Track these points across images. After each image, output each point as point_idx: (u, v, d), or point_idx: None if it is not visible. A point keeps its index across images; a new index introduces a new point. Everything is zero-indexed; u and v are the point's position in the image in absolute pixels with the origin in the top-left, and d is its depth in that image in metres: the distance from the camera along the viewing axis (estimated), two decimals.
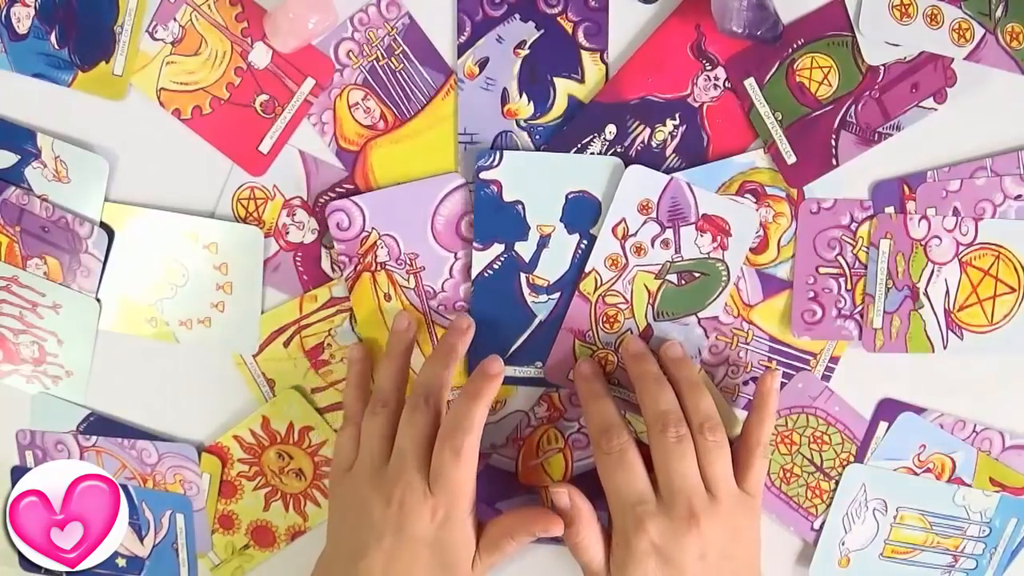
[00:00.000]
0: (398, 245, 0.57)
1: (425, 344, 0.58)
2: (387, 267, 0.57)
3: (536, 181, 0.55)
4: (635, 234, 0.55)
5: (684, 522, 0.49)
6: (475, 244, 0.56)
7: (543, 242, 0.56)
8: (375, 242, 0.57)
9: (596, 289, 0.56)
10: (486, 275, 0.56)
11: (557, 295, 0.57)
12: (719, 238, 0.55)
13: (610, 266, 0.56)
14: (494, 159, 0.55)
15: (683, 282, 0.56)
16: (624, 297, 0.56)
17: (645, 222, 0.55)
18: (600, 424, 0.53)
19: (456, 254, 0.57)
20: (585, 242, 0.56)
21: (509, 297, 0.57)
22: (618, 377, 0.57)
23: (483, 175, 0.55)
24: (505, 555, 0.52)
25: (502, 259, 0.56)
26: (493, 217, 0.56)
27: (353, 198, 0.56)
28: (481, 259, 0.56)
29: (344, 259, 0.57)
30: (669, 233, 0.55)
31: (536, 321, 0.57)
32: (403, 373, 0.56)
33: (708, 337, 0.57)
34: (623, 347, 0.56)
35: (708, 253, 0.55)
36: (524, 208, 0.56)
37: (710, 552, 0.50)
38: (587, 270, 0.56)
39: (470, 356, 0.57)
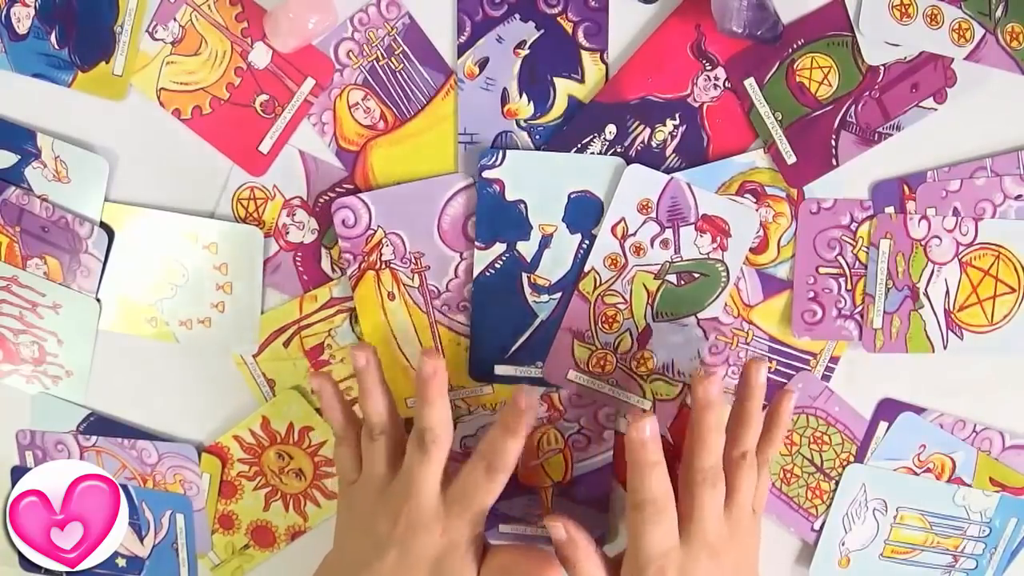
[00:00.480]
0: (403, 243, 0.57)
1: (428, 344, 0.58)
2: (392, 265, 0.57)
3: (538, 180, 0.55)
4: (634, 234, 0.55)
5: (705, 559, 0.49)
6: (477, 243, 0.56)
7: (545, 242, 0.56)
8: (380, 240, 0.57)
9: (595, 289, 0.56)
10: (488, 274, 0.56)
11: (559, 295, 0.57)
12: (719, 239, 0.55)
13: (609, 266, 0.56)
14: (497, 158, 0.55)
15: (682, 282, 0.56)
16: (623, 297, 0.56)
17: (645, 222, 0.55)
18: (648, 496, 0.49)
19: (462, 254, 0.57)
20: (587, 242, 0.56)
21: (511, 296, 0.57)
22: (616, 379, 0.57)
23: (486, 174, 0.55)
24: None
25: (504, 258, 0.56)
26: (495, 216, 0.56)
27: (360, 195, 0.56)
28: (483, 258, 0.56)
29: (348, 256, 0.57)
30: (669, 233, 0.55)
31: (537, 321, 0.57)
32: (388, 401, 0.54)
33: (707, 338, 0.57)
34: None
35: (708, 254, 0.55)
36: (526, 207, 0.56)
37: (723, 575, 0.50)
38: (586, 269, 0.56)
39: (472, 351, 0.57)
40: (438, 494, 0.50)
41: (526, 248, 0.56)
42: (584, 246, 0.56)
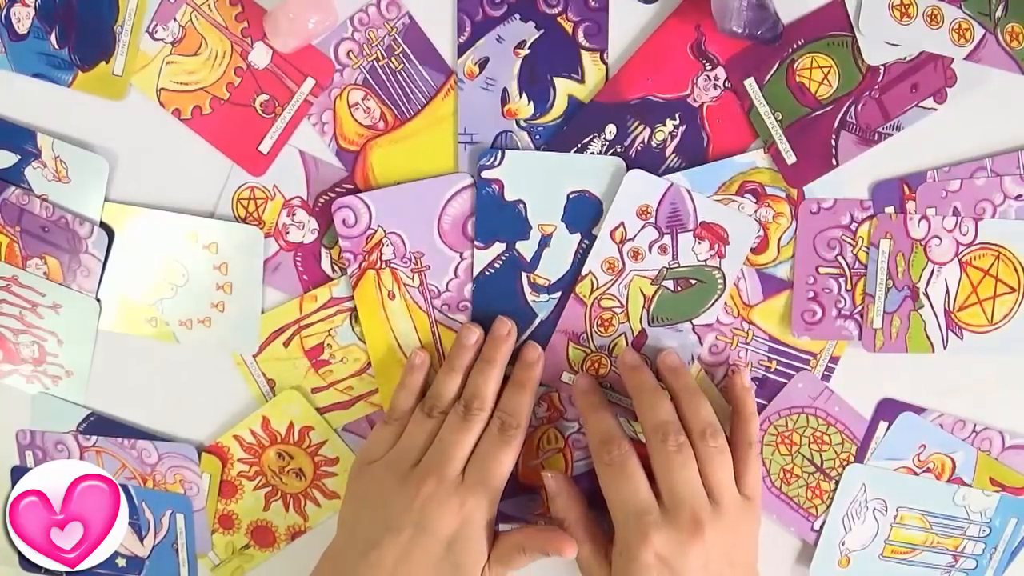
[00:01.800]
0: (404, 243, 0.57)
1: (428, 343, 0.58)
2: (392, 265, 0.57)
3: (537, 180, 0.55)
4: (633, 239, 0.55)
5: (688, 532, 0.49)
6: (476, 243, 0.56)
7: (544, 241, 0.56)
8: (380, 239, 0.57)
9: (592, 292, 0.56)
10: (487, 274, 0.57)
11: (558, 294, 0.57)
12: (717, 246, 0.55)
13: (607, 270, 0.56)
14: (496, 158, 0.55)
15: (679, 288, 0.56)
16: (619, 301, 0.56)
17: (643, 227, 0.55)
18: (600, 435, 0.53)
19: (462, 254, 0.57)
20: (586, 242, 0.56)
21: (510, 296, 0.57)
22: (611, 381, 0.57)
23: (485, 174, 0.55)
24: (514, 568, 0.52)
25: (503, 258, 0.56)
26: (495, 216, 0.56)
27: (360, 195, 0.56)
28: (482, 258, 0.56)
29: (349, 256, 0.57)
30: (667, 239, 0.55)
31: (537, 320, 0.57)
32: (462, 388, 0.55)
33: (702, 344, 0.57)
34: (618, 358, 0.56)
35: (705, 260, 0.55)
36: (525, 207, 0.56)
37: (713, 561, 0.49)
38: (583, 273, 0.56)
39: None
40: (462, 471, 0.52)
41: (525, 248, 0.56)
42: (583, 246, 0.56)
